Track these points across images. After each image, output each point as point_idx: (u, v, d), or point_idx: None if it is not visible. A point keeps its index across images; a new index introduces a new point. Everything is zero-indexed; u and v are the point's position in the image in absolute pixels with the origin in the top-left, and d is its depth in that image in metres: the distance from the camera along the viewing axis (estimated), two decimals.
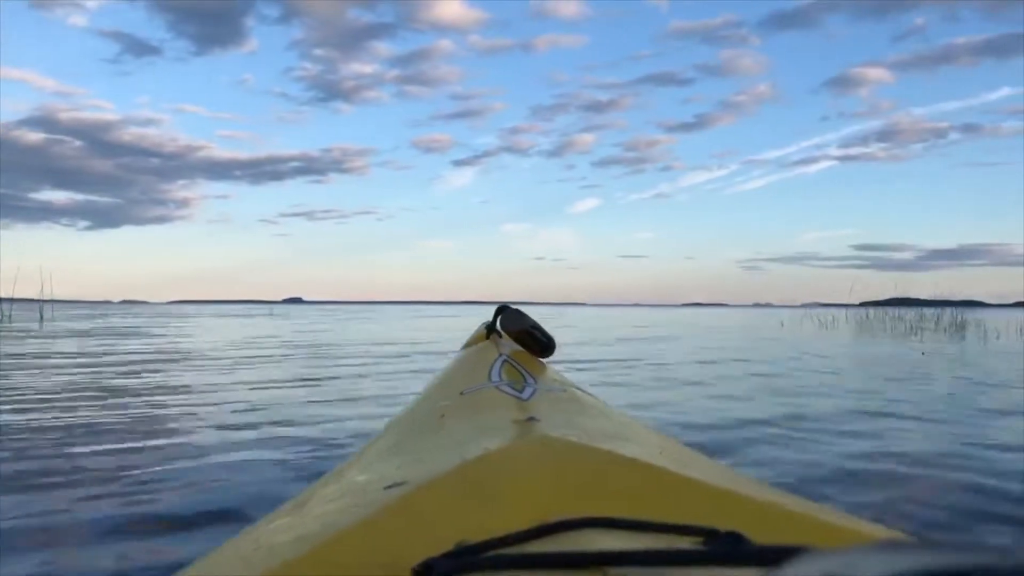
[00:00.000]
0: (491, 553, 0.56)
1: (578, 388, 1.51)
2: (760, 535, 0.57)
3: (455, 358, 1.90)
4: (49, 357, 8.24)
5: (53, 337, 12.13)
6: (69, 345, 10.18)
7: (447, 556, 0.55)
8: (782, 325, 22.10)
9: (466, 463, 0.79)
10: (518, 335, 1.80)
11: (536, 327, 1.78)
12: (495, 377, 1.44)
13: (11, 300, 24.21)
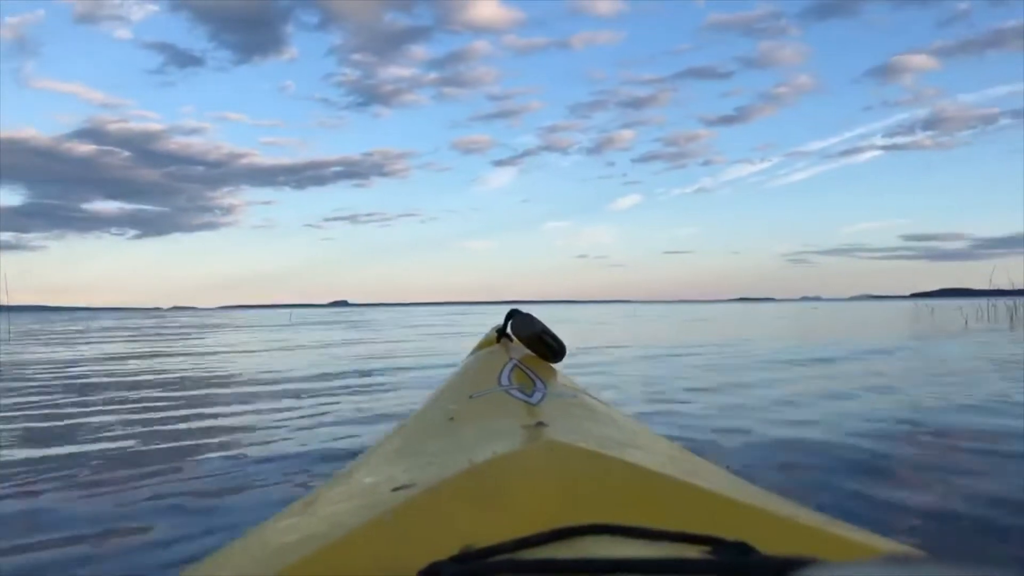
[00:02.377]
0: (497, 558, 0.56)
1: (588, 394, 1.51)
2: (768, 545, 0.56)
3: (465, 362, 1.90)
4: None
5: None
6: None
7: (453, 560, 0.55)
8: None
9: (474, 467, 0.79)
10: (528, 340, 1.80)
11: (547, 331, 1.78)
12: (505, 381, 1.44)
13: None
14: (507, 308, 1.95)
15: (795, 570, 0.33)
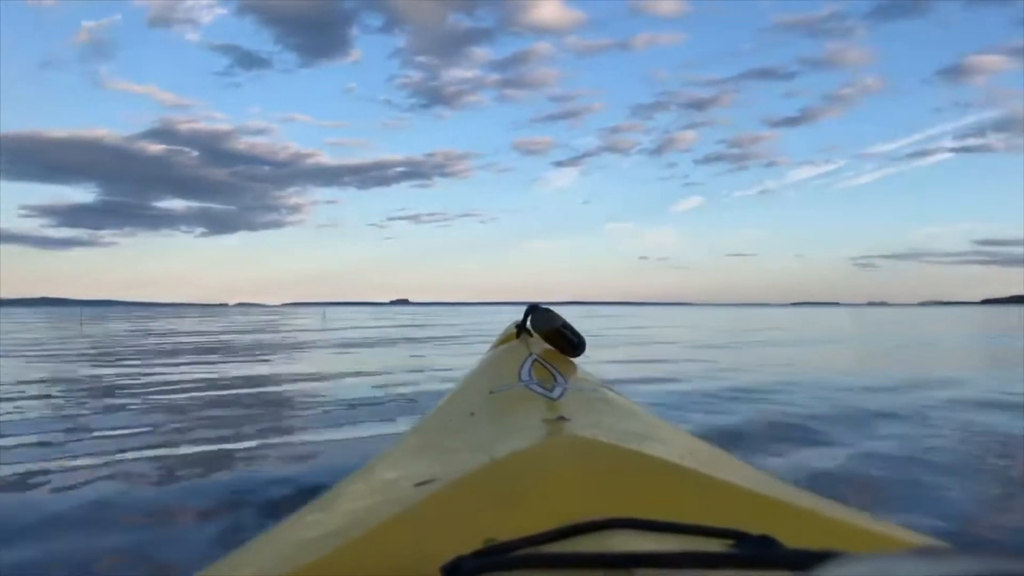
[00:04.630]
0: (520, 552, 0.56)
1: (608, 388, 1.50)
2: (791, 539, 0.56)
3: (485, 357, 1.91)
4: None
5: None
6: None
7: (476, 554, 0.56)
8: None
9: (496, 462, 0.79)
10: (548, 334, 1.80)
11: (567, 326, 1.78)
12: (525, 376, 1.44)
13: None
14: (570, 308, 1.92)
15: (819, 563, 0.33)
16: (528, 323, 1.94)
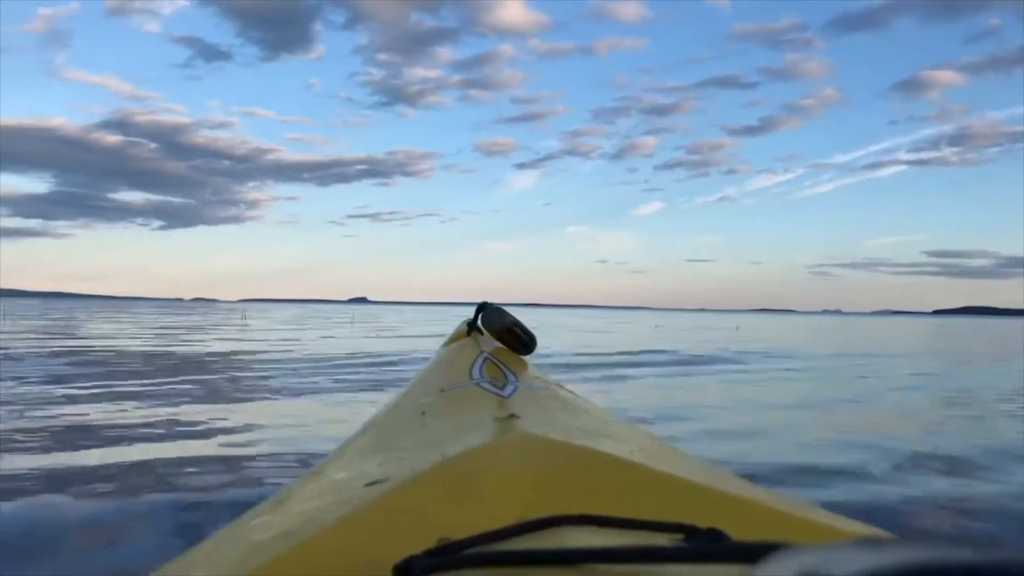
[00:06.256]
0: (472, 550, 0.56)
1: (559, 386, 1.51)
2: (740, 531, 0.57)
3: (436, 356, 1.90)
4: None
5: None
6: None
7: (428, 553, 0.55)
8: None
9: (447, 460, 0.79)
10: (499, 333, 1.80)
11: (517, 324, 1.78)
12: (476, 375, 1.44)
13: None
14: (528, 310, 1.91)
15: (767, 555, 0.33)
16: (479, 321, 1.93)
